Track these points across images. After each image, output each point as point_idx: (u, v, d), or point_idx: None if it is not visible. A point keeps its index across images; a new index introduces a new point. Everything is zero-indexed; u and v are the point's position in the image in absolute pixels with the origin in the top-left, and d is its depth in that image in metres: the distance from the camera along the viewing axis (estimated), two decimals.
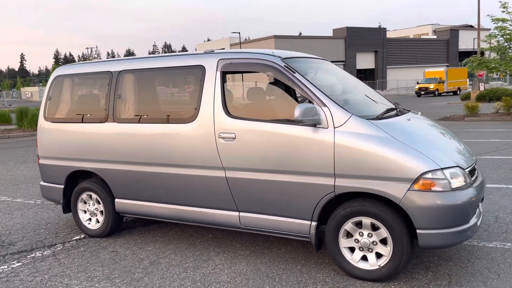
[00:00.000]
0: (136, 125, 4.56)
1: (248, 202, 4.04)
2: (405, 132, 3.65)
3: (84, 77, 5.08)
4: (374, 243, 3.61)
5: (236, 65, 4.12)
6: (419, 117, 4.36)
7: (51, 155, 5.24)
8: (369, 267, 3.64)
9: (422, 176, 3.36)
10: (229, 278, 3.82)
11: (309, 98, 3.75)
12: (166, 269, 4.10)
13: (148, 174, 4.53)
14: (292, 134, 3.74)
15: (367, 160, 3.48)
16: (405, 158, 3.40)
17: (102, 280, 3.90)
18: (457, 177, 3.46)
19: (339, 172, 3.60)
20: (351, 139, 3.55)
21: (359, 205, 3.58)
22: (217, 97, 4.12)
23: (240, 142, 3.97)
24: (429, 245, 3.44)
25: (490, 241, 4.42)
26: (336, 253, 3.74)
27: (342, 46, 58.35)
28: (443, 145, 3.77)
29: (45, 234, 5.27)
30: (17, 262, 4.44)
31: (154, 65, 4.59)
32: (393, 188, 3.43)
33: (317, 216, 3.76)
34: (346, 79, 4.99)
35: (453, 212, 3.37)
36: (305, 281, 3.72)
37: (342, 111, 3.64)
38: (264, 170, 3.90)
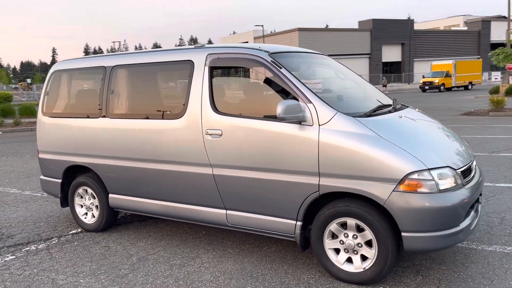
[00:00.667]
0: (127, 121, 4.54)
1: (235, 200, 3.97)
2: (393, 130, 3.49)
3: (80, 72, 5.10)
4: (359, 245, 3.48)
5: (223, 60, 4.03)
6: (415, 114, 4.17)
7: (49, 150, 5.30)
8: (353, 269, 3.52)
9: (408, 176, 3.21)
10: (212, 277, 3.77)
11: (294, 94, 3.63)
12: (153, 266, 4.07)
13: (139, 170, 4.51)
14: (277, 131, 3.64)
15: (352, 159, 3.35)
16: (391, 158, 3.25)
17: (88, 276, 3.91)
18: (446, 178, 3.29)
19: (323, 171, 3.48)
20: (335, 137, 3.42)
21: (343, 205, 3.45)
22: (204, 92, 4.05)
23: (226, 139, 3.90)
24: (415, 249, 3.29)
25: (490, 244, 4.21)
26: (321, 254, 3.63)
27: (367, 38, 57.38)
28: (434, 144, 3.60)
29: (44, 228, 5.34)
30: (11, 255, 4.51)
31: (145, 60, 4.55)
32: (378, 188, 3.29)
33: (302, 215, 3.65)
34: (345, 75, 4.84)
35: (441, 214, 3.21)
36: (289, 282, 3.63)
37: (327, 108, 3.51)
38: (250, 167, 3.81)
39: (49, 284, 3.78)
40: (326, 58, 4.86)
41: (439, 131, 3.98)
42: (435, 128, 3.98)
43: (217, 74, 4.10)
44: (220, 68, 4.11)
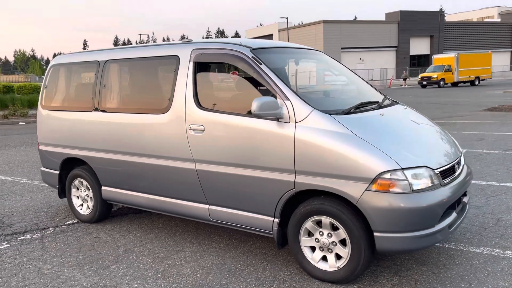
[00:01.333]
0: (117, 115, 4.62)
1: (217, 195, 3.99)
2: (370, 128, 3.43)
3: (76, 66, 5.20)
4: (334, 243, 3.45)
5: (207, 56, 4.04)
6: (401, 112, 4.08)
7: (48, 142, 5.44)
8: (328, 268, 3.49)
9: (380, 176, 3.16)
10: (191, 271, 3.81)
11: (272, 91, 3.61)
12: (136, 258, 4.15)
13: (128, 164, 4.58)
14: (256, 128, 3.63)
15: (326, 157, 3.32)
16: (364, 157, 3.20)
17: (72, 266, 4.02)
18: (421, 178, 3.22)
19: (299, 169, 3.45)
20: (311, 135, 3.39)
21: (318, 203, 3.43)
22: (188, 88, 4.07)
23: (208, 135, 3.92)
24: (387, 250, 3.24)
25: (479, 245, 4.10)
26: (297, 252, 3.62)
27: (395, 30, 56.24)
28: (414, 143, 3.51)
29: (43, 217, 5.50)
30: (6, 243, 4.67)
31: (134, 55, 4.61)
32: (351, 187, 3.25)
33: (279, 212, 3.65)
34: (338, 70, 4.78)
35: (414, 215, 3.14)
36: (264, 278, 3.63)
37: (304, 105, 3.48)
38: (230, 163, 3.82)
39: (35, 273, 3.90)
40: (319, 54, 4.81)
41: (424, 129, 3.88)
42: (419, 127, 3.89)
43: (202, 69, 4.10)
44: (204, 63, 4.11)
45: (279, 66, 3.95)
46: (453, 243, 4.18)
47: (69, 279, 3.75)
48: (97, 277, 3.77)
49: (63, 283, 3.68)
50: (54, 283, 3.69)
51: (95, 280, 3.71)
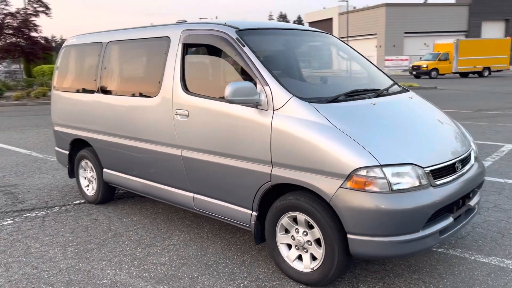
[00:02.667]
0: (114, 97, 4.56)
1: (200, 184, 3.83)
2: (353, 119, 3.09)
3: (84, 48, 5.20)
4: (309, 243, 3.18)
5: (194, 37, 3.84)
6: (403, 102, 3.67)
7: (59, 122, 5.54)
8: (302, 268, 3.23)
9: (355, 172, 2.83)
10: (168, 261, 3.69)
11: (252, 75, 3.35)
12: (122, 243, 4.10)
13: (124, 147, 4.53)
14: (236, 114, 3.40)
15: (301, 149, 3.03)
16: (341, 150, 2.88)
17: (59, 247, 4.04)
18: (403, 177, 2.85)
19: (275, 160, 3.20)
20: (287, 124, 3.11)
21: (294, 199, 3.16)
22: (176, 70, 3.91)
23: (192, 120, 3.74)
24: (362, 254, 2.92)
25: (489, 255, 3.64)
26: (273, 249, 3.38)
27: (465, 14, 52.60)
28: (405, 137, 3.12)
29: (55, 196, 5.64)
30: (11, 220, 4.82)
31: (131, 37, 4.51)
32: (325, 183, 2.95)
33: (257, 206, 3.41)
34: (347, 54, 4.41)
35: (393, 218, 2.80)
36: (238, 274, 3.44)
37: (283, 91, 3.20)
38: (212, 151, 3.63)
39: (22, 251, 3.97)
40: (326, 37, 4.44)
41: (425, 122, 3.46)
42: (420, 119, 3.47)
43: (190, 51, 3.91)
44: (192, 45, 3.91)
45: (269, 49, 3.68)
46: (459, 250, 3.74)
47: (50, 260, 3.77)
48: (76, 260, 3.76)
49: (42, 264, 3.70)
50: (34, 262, 3.73)
51: (73, 263, 3.70)
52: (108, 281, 3.38)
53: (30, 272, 3.56)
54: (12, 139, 10.00)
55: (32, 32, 24.99)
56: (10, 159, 7.87)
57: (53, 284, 3.35)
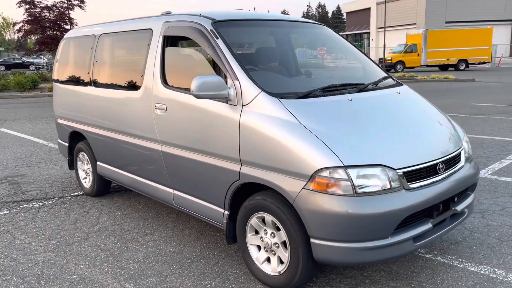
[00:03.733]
0: (104, 90, 4.54)
1: (178, 180, 3.74)
2: (323, 116, 2.90)
3: (81, 40, 5.20)
4: (276, 245, 3.03)
5: (173, 29, 3.73)
6: (388, 97, 3.42)
7: (59, 115, 5.60)
8: (270, 271, 3.09)
9: (318, 173, 2.65)
10: (143, 258, 3.64)
11: (223, 69, 3.21)
12: (104, 237, 4.09)
13: (113, 140, 4.51)
14: (208, 110, 3.28)
15: (267, 147, 2.88)
16: (304, 150, 2.71)
17: (42, 240, 4.07)
18: (370, 179, 2.65)
19: (243, 158, 3.06)
20: (254, 120, 2.96)
21: (261, 199, 3.01)
22: (156, 63, 3.82)
23: (169, 115, 3.65)
24: (326, 260, 2.75)
25: (480, 263, 3.37)
26: (243, 249, 3.26)
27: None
28: (380, 136, 2.89)
29: (56, 187, 5.71)
30: (7, 210, 4.91)
31: (120, 29, 4.46)
32: (289, 184, 2.79)
33: (229, 204, 3.29)
34: (339, 47, 4.20)
35: (356, 222, 2.61)
36: (208, 274, 3.34)
37: (251, 86, 3.04)
38: (187, 147, 3.53)
39: (7, 243, 4.02)
40: (318, 28, 4.23)
41: (409, 120, 3.20)
42: (403, 117, 3.22)
43: (170, 44, 3.80)
44: (171, 37, 3.80)
45: (248, 41, 3.53)
46: (448, 256, 3.49)
47: (29, 252, 3.80)
48: (54, 253, 3.77)
49: (21, 256, 3.73)
50: (14, 254, 3.77)
51: (50, 257, 3.71)
52: (78, 277, 3.36)
53: (7, 264, 3.59)
54: (35, 130, 10.28)
55: (67, 25, 25.68)
56: (26, 149, 8.08)
57: (25, 278, 3.36)
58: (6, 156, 7.56)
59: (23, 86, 19.70)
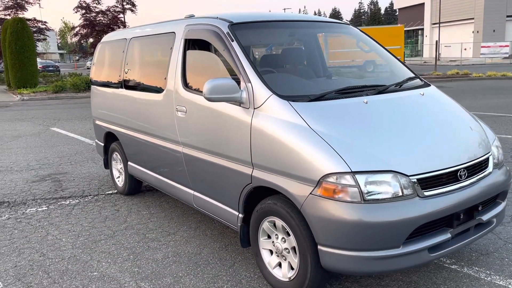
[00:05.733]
0: (132, 92, 4.67)
1: (198, 182, 3.78)
2: (334, 119, 2.81)
3: (114, 44, 5.37)
4: (287, 250, 2.98)
5: (193, 32, 3.76)
6: (410, 99, 3.26)
7: (95, 116, 5.82)
8: (281, 276, 3.04)
9: (325, 179, 2.57)
10: (162, 258, 3.70)
11: (237, 71, 3.20)
12: (129, 236, 4.20)
13: (141, 141, 4.62)
14: (223, 112, 3.29)
15: (277, 150, 2.84)
16: (313, 154, 2.64)
17: (72, 236, 4.24)
18: (380, 185, 2.54)
19: (255, 162, 3.03)
20: (264, 123, 2.93)
21: (272, 203, 2.98)
22: (178, 66, 3.88)
23: (189, 117, 3.69)
24: (334, 268, 2.66)
25: (510, 277, 3.14)
26: (256, 253, 3.23)
27: None
28: (395, 140, 2.76)
29: (93, 185, 5.95)
30: (46, 206, 5.16)
31: (147, 33, 4.56)
32: (297, 189, 2.73)
33: (242, 208, 3.28)
34: (368, 46, 4.07)
35: (364, 231, 2.51)
36: (222, 276, 3.34)
37: (263, 88, 3.01)
38: (204, 149, 3.56)
39: (40, 238, 4.23)
40: (341, 27, 4.11)
41: (431, 124, 3.03)
42: (425, 120, 3.05)
43: (191, 47, 3.83)
44: (192, 40, 3.82)
45: (265, 43, 3.49)
46: (475, 268, 3.28)
47: (58, 248, 3.97)
48: (80, 250, 3.92)
49: (51, 251, 3.91)
50: (45, 250, 3.95)
51: (76, 253, 3.86)
52: (98, 274, 3.47)
53: (36, 259, 3.77)
54: (84, 129, 10.76)
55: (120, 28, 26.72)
56: (72, 148, 8.48)
57: (50, 273, 3.52)
58: (53, 155, 7.97)
59: (78, 87, 20.68)
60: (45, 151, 8.28)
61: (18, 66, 21.58)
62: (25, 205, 5.23)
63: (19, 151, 8.41)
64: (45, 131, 10.70)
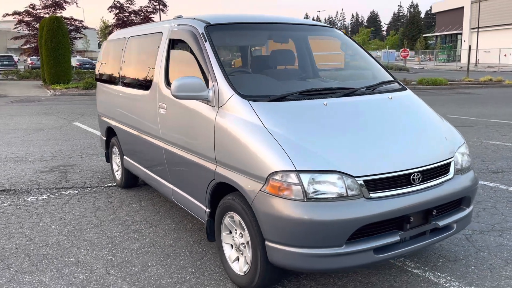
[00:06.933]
0: (127, 89, 4.87)
1: (175, 176, 3.92)
2: (290, 120, 2.89)
3: (115, 42, 5.60)
4: (243, 245, 3.07)
5: (176, 32, 3.91)
6: (375, 102, 3.29)
7: (99, 111, 6.07)
8: (238, 270, 3.14)
9: (272, 176, 2.66)
10: (137, 248, 3.86)
11: (206, 71, 3.32)
12: (114, 226, 4.39)
13: (133, 137, 4.81)
14: (195, 110, 3.41)
15: (235, 148, 2.94)
16: (263, 152, 2.73)
17: (62, 225, 4.47)
18: (324, 185, 2.60)
19: (218, 158, 3.14)
20: (226, 121, 3.04)
21: (231, 199, 3.08)
22: (162, 65, 4.03)
23: (168, 114, 3.84)
24: (280, 264, 2.74)
25: (469, 284, 3.12)
26: (219, 247, 3.34)
27: None
28: (345, 143, 2.80)
29: (96, 178, 6.20)
30: (47, 195, 5.44)
31: (140, 32, 4.74)
32: (249, 185, 2.83)
33: (209, 202, 3.39)
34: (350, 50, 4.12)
35: (307, 228, 2.58)
36: (188, 268, 3.46)
37: (227, 88, 3.12)
38: (179, 145, 3.70)
39: (32, 224, 4.48)
40: (327, 30, 4.16)
41: (391, 127, 3.06)
42: (386, 124, 3.08)
43: (173, 46, 3.96)
44: (175, 40, 3.96)
45: (240, 44, 3.59)
46: (437, 273, 3.27)
47: (46, 235, 4.20)
48: (65, 237, 4.13)
49: (38, 237, 4.14)
50: (33, 235, 4.19)
51: (61, 239, 4.07)
52: (75, 259, 3.66)
53: (23, 243, 4.01)
54: None
55: None
56: (86, 142, 8.82)
57: (31, 256, 3.74)
58: (68, 147, 8.32)
59: None
60: (61, 144, 8.65)
61: (52, 63, 22.47)
62: (28, 193, 5.53)
63: (37, 143, 8.83)
64: (67, 125, 11.15)
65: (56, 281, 3.30)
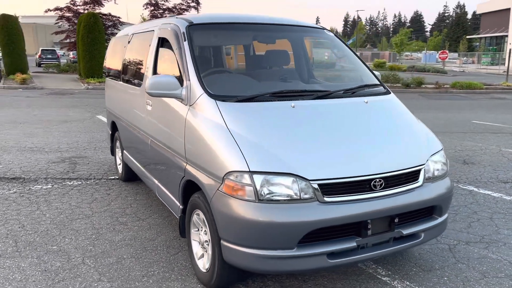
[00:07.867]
0: (125, 85, 5.00)
1: (158, 172, 4.01)
2: (253, 121, 2.90)
3: (121, 39, 5.74)
4: (207, 242, 3.10)
5: (163, 31, 3.98)
6: (347, 105, 3.24)
7: (107, 106, 6.25)
8: (202, 267, 3.18)
9: (227, 176, 2.68)
10: (119, 240, 3.97)
11: (182, 69, 3.37)
12: (104, 218, 4.52)
13: (128, 131, 4.94)
14: (172, 107, 3.48)
15: (198, 146, 2.99)
16: (222, 152, 2.76)
17: (56, 213, 4.64)
18: (277, 187, 2.60)
19: (187, 156, 3.20)
20: (194, 120, 3.09)
21: (197, 197, 3.12)
22: (152, 62, 4.12)
23: (153, 110, 3.93)
24: (233, 263, 2.76)
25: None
26: (188, 244, 3.39)
27: None
28: (306, 146, 2.78)
29: (101, 170, 6.39)
30: (51, 185, 5.66)
31: (140, 30, 4.85)
32: (209, 184, 2.86)
33: (182, 199, 3.45)
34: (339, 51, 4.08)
35: (258, 229, 2.59)
36: (160, 262, 3.53)
37: (198, 87, 3.16)
38: (160, 141, 3.78)
39: (29, 212, 4.67)
40: (319, 32, 4.13)
41: (359, 132, 3.02)
42: (356, 128, 3.04)
43: (162, 45, 4.03)
44: (162, 39, 4.02)
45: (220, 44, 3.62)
46: (407, 283, 3.20)
47: (38, 223, 4.38)
48: (54, 226, 4.30)
49: (30, 224, 4.32)
50: (26, 222, 4.38)
51: (50, 228, 4.24)
52: (57, 248, 3.81)
53: (15, 229, 4.20)
54: None
55: None
56: (103, 135, 9.06)
57: (18, 242, 3.91)
58: (84, 140, 8.60)
59: None
60: (79, 136, 8.95)
61: (88, 57, 23.20)
62: (35, 182, 5.77)
63: (58, 134, 9.16)
64: (90, 118, 11.51)
65: (34, 268, 3.45)
